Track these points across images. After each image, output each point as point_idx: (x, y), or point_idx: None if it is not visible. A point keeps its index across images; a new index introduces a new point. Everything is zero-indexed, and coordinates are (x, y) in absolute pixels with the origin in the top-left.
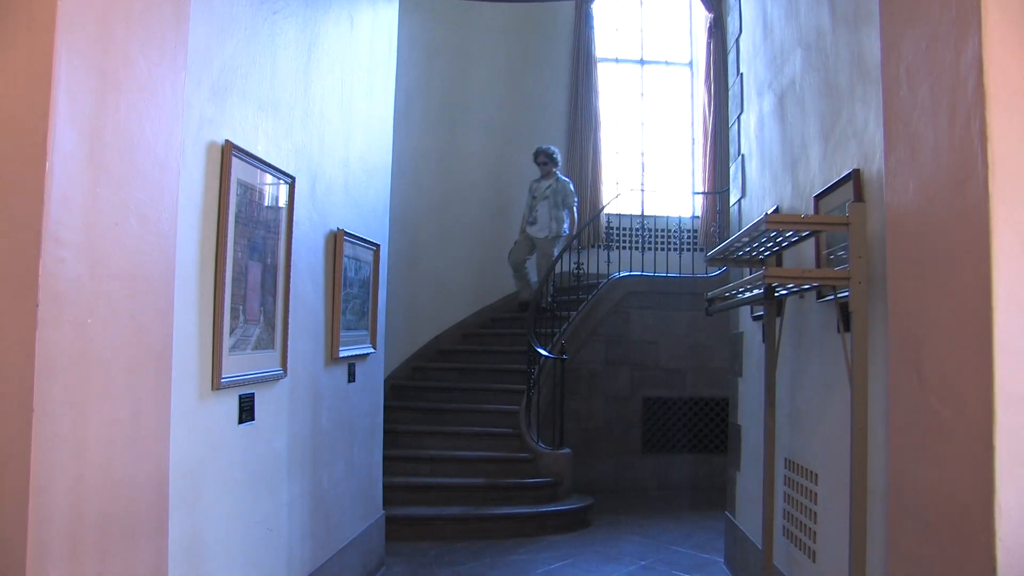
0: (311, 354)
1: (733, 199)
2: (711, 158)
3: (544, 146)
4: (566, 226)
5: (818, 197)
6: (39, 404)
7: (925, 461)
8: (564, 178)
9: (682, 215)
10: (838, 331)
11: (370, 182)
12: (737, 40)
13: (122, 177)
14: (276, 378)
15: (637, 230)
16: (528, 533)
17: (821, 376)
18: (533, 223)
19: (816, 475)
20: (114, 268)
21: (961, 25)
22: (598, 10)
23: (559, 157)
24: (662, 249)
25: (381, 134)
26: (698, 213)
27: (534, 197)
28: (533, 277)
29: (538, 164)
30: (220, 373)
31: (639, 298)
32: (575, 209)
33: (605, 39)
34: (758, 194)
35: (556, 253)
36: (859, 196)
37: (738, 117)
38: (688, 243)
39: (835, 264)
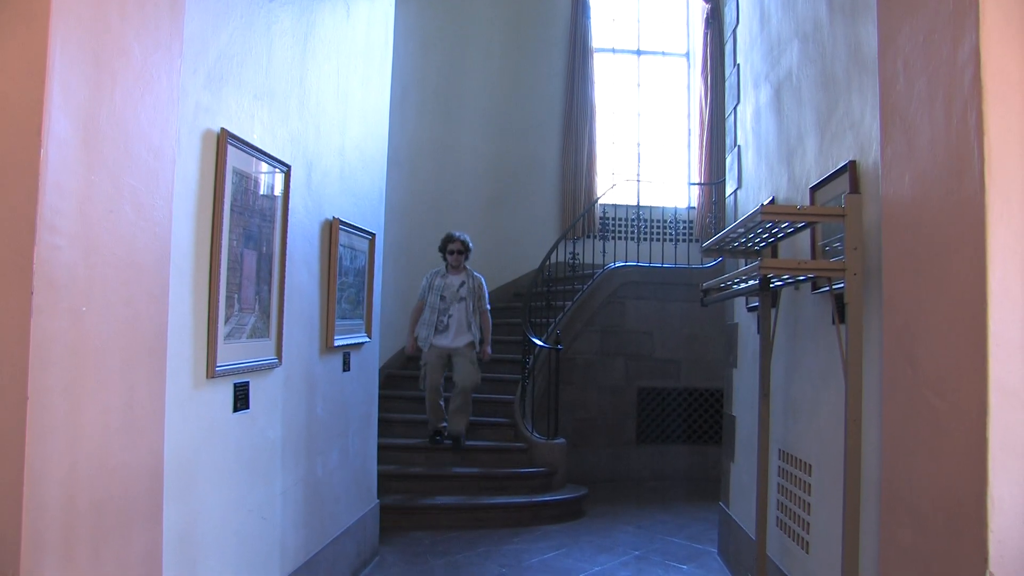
0: (306, 343)
1: (729, 190)
2: (707, 149)
3: (456, 233)
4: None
5: (814, 188)
6: (34, 392)
7: (919, 453)
8: (476, 273)
9: (678, 206)
10: (833, 323)
11: (366, 171)
12: (734, 31)
13: (117, 165)
14: (271, 367)
15: (632, 220)
16: (522, 523)
17: (816, 368)
18: (444, 330)
19: (810, 466)
20: (109, 256)
21: (959, 18)
22: (595, 0)
23: (472, 246)
24: (657, 240)
25: (377, 123)
26: (694, 204)
27: (442, 297)
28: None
29: (448, 254)
30: (215, 361)
31: (634, 288)
32: (489, 312)
33: (602, 29)
34: (754, 185)
35: (479, 363)
36: (855, 188)
37: (735, 108)
38: (684, 234)
39: (830, 256)
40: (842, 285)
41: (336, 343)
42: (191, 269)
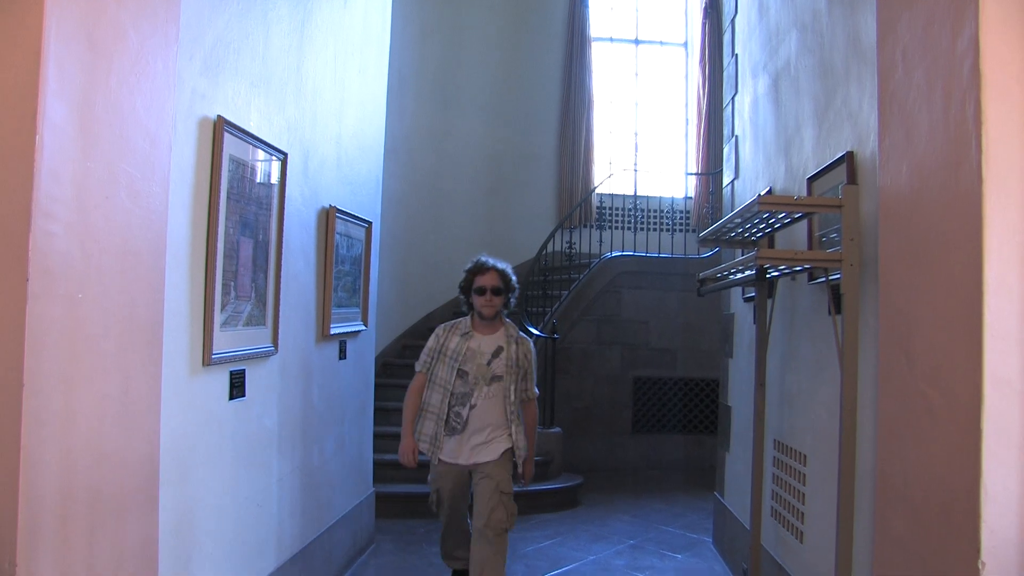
0: (302, 331)
1: (726, 180)
2: (705, 139)
3: (489, 260)
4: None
5: (811, 179)
6: (29, 379)
7: (913, 444)
8: (523, 334)
9: (675, 196)
10: (829, 313)
11: (363, 159)
12: (732, 20)
13: (113, 151)
14: (267, 354)
15: (630, 210)
16: (518, 511)
17: (811, 358)
18: (459, 429)
19: (805, 457)
20: (105, 243)
21: (958, 8)
22: None
23: (517, 284)
24: (654, 229)
25: (374, 112)
26: (691, 194)
27: (461, 373)
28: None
29: (476, 295)
30: (211, 349)
31: (631, 278)
32: (537, 400)
33: (600, 18)
34: (751, 175)
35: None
36: (852, 179)
37: (732, 98)
38: (681, 224)
39: (827, 246)
40: (838, 276)
41: (332, 331)
42: (187, 257)
